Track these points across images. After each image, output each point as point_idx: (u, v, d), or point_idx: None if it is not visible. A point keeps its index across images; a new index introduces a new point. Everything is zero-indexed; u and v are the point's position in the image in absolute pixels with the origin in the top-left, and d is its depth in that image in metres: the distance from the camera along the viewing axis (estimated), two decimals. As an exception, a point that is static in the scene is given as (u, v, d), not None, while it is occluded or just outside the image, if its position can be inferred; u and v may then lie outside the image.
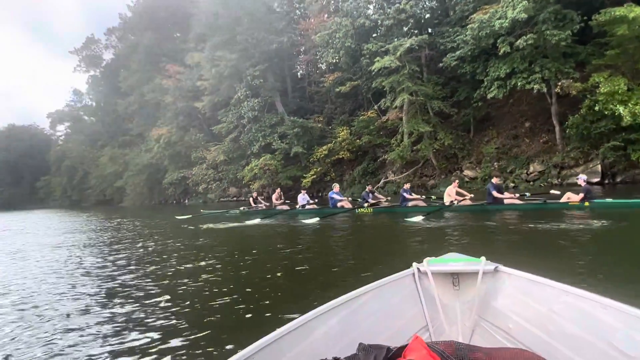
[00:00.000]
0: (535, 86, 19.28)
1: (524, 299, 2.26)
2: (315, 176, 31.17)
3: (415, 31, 26.77)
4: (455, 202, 12.11)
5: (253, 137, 33.23)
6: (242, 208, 18.09)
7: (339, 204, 14.55)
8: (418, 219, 10.28)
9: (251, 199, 18.71)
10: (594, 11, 19.13)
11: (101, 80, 65.33)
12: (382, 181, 28.36)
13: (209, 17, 35.70)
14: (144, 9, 54.14)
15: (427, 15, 26.55)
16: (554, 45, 19.42)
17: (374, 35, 27.36)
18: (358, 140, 29.69)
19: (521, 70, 20.06)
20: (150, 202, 48.26)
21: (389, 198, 15.03)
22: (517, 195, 11.86)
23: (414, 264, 2.59)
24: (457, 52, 22.22)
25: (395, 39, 24.25)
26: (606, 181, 20.45)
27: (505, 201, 11.27)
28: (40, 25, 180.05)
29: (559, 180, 21.79)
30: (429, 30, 26.54)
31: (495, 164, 24.68)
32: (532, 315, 2.18)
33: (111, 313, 4.14)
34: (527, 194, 12.22)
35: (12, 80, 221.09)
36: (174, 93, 41.74)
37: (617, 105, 17.69)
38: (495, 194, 11.37)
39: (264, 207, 17.70)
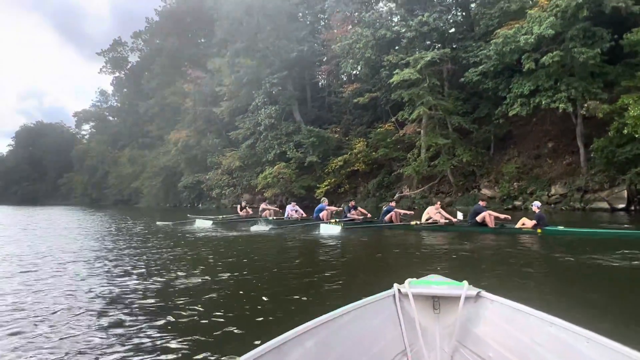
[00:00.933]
0: (560, 105, 18.51)
1: (506, 327, 2.22)
2: (329, 187, 30.72)
3: (438, 45, 26.28)
4: (419, 223, 12.44)
5: (269, 144, 33.05)
6: (222, 217, 17.96)
7: (321, 215, 14.69)
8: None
9: (239, 208, 18.72)
10: (625, 30, 18.35)
11: (125, 82, 66.59)
12: (397, 195, 27.71)
13: (232, 22, 35.90)
14: (170, 14, 55.02)
15: (452, 30, 26.05)
16: (581, 64, 18.66)
17: (396, 47, 26.92)
18: (374, 153, 29.17)
19: (546, 89, 19.33)
20: (165, 204, 48.52)
21: (369, 216, 14.98)
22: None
23: (395, 285, 2.51)
24: (480, 67, 21.61)
25: (417, 52, 23.76)
26: (632, 207, 19.44)
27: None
28: (72, 27, 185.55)
29: (582, 204, 20.83)
30: (452, 44, 25.93)
31: (515, 184, 23.83)
32: (513, 344, 2.14)
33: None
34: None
35: (44, 80, 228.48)
36: (193, 97, 42.03)
37: (647, 130, 16.79)
38: (478, 218, 11.49)
39: (245, 215, 17.65)
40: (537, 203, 10.91)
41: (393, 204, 13.76)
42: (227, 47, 36.69)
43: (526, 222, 10.45)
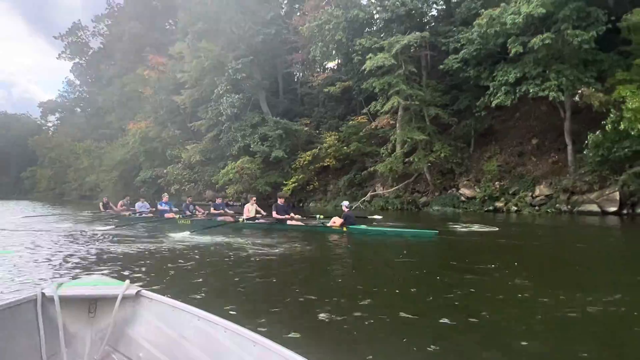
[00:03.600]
0: (551, 94, 16.40)
1: (159, 325, 2.25)
2: (296, 184, 28.17)
3: (416, 32, 23.95)
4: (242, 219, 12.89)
5: (232, 137, 30.24)
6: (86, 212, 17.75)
7: (166, 215, 14.69)
8: (184, 234, 10.41)
9: (101, 204, 18.26)
10: (622, 11, 16.39)
11: (87, 69, 62.38)
12: (369, 195, 25.39)
13: (196, 3, 32.90)
14: (137, -4, 51.33)
15: (432, 12, 23.80)
16: (573, 50, 16.60)
17: (370, 30, 24.53)
18: (346, 148, 26.76)
19: (534, 76, 17.21)
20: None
21: (205, 212, 15.29)
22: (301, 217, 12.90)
23: (39, 288, 2.33)
24: (461, 53, 19.39)
25: (393, 36, 21.39)
26: (625, 211, 17.55)
27: (288, 222, 12.09)
28: (43, 17, 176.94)
29: (569, 207, 18.88)
30: (431, 29, 23.65)
31: (496, 183, 21.77)
32: (164, 341, 2.18)
33: None
34: (319, 216, 13.29)
35: (13, 70, 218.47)
36: (154, 85, 38.79)
37: (646, 124, 14.82)
38: (274, 214, 12.12)
39: (113, 213, 17.21)
40: (345, 203, 11.87)
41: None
42: (190, 29, 33.66)
43: (336, 221, 11.30)
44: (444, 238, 10.09)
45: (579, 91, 16.04)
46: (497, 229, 11.88)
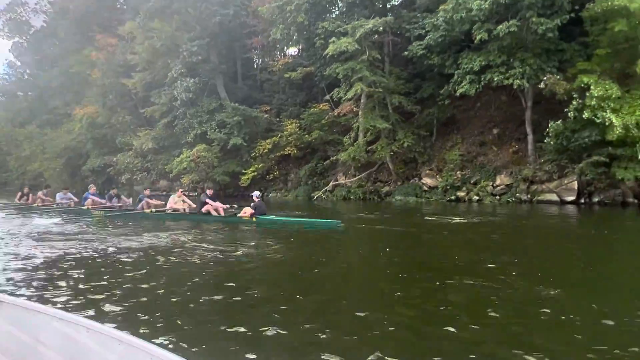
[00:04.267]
0: (515, 82, 16.28)
1: (9, 330, 2.11)
2: (256, 173, 27.09)
3: (380, 17, 23.30)
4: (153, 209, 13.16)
5: (188, 123, 28.62)
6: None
7: (84, 204, 14.55)
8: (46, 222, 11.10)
9: (19, 194, 17.74)
10: (583, 1, 16.45)
11: (28, 50, 57.66)
12: (331, 184, 24.76)
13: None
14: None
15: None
16: (537, 39, 16.53)
17: (330, 15, 23.66)
18: (307, 136, 25.91)
19: (498, 64, 17.03)
20: (72, 189, 42.15)
21: (128, 203, 15.49)
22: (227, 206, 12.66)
23: None
24: (426, 39, 18.95)
25: (356, 21, 20.64)
26: (582, 200, 17.85)
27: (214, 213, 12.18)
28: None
29: (529, 196, 19.04)
30: (395, 14, 23.08)
31: (458, 173, 21.69)
32: (15, 347, 2.04)
33: None
34: (235, 205, 13.06)
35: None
36: (102, 67, 36.20)
37: (609, 113, 14.93)
38: (210, 202, 12.23)
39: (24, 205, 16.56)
40: (256, 193, 12.06)
41: (147, 192, 13.80)
42: (141, 8, 31.47)
43: (247, 211, 11.36)
44: (350, 227, 10.72)
45: (545, 78, 15.98)
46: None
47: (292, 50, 35.17)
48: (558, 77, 16.17)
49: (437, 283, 5.52)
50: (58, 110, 47.44)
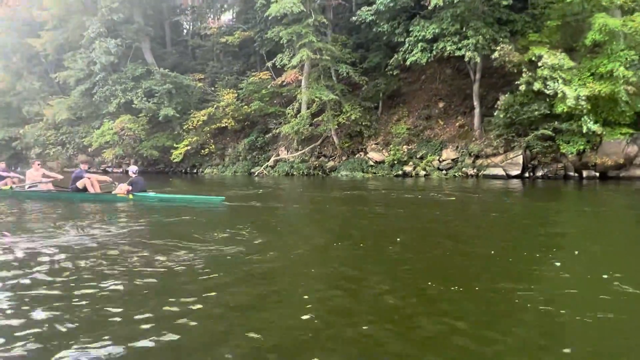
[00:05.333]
0: (468, 53, 15.63)
1: None
2: (189, 147, 24.79)
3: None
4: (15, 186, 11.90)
5: (110, 91, 25.37)
6: None
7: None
8: None
9: None
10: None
11: None
12: (272, 159, 23.23)
13: None
14: None
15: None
16: (489, 8, 15.95)
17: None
18: (246, 107, 23.99)
19: (451, 33, 16.28)
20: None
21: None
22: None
23: None
24: (377, 3, 17.72)
25: (300, -20, 18.90)
26: (526, 174, 17.93)
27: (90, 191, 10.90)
28: None
29: (475, 170, 18.85)
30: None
31: (404, 147, 21.08)
32: None
33: None
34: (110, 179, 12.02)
35: None
36: (4, 25, 31.22)
37: (561, 84, 14.76)
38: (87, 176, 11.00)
39: None
40: (133, 168, 11.38)
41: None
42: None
43: (122, 188, 10.48)
44: (231, 205, 9.90)
45: (499, 48, 15.44)
46: None
47: (226, 17, 32.64)
48: (510, 47, 15.71)
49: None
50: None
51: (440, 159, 20.10)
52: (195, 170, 26.42)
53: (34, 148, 29.35)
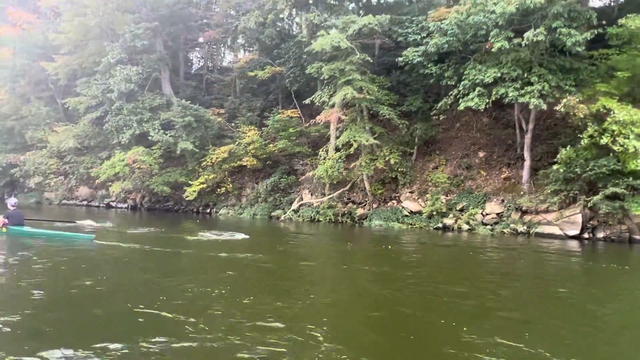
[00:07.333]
0: (532, 100, 14.36)
1: None
2: (205, 185, 22.90)
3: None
4: None
5: (124, 121, 23.66)
6: None
7: None
8: None
9: None
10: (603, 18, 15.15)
11: None
12: (296, 203, 21.41)
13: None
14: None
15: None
16: (556, 53, 14.89)
17: (314, 9, 20.66)
18: (271, 145, 22.39)
19: (513, 79, 15.08)
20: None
21: None
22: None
23: None
24: (430, 44, 16.60)
25: (344, 15, 17.90)
26: (585, 235, 16.25)
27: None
28: None
29: (525, 227, 17.12)
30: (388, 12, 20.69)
31: (443, 197, 19.48)
32: None
33: None
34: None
35: None
36: (14, 46, 29.87)
37: (633, 140, 13.43)
38: None
39: None
40: (12, 200, 11.37)
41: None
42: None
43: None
44: (102, 244, 10.06)
45: (565, 99, 14.20)
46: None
47: (242, 56, 31.71)
48: (577, 98, 14.49)
49: None
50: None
51: (484, 213, 18.48)
52: (208, 210, 24.42)
53: (33, 177, 27.20)
